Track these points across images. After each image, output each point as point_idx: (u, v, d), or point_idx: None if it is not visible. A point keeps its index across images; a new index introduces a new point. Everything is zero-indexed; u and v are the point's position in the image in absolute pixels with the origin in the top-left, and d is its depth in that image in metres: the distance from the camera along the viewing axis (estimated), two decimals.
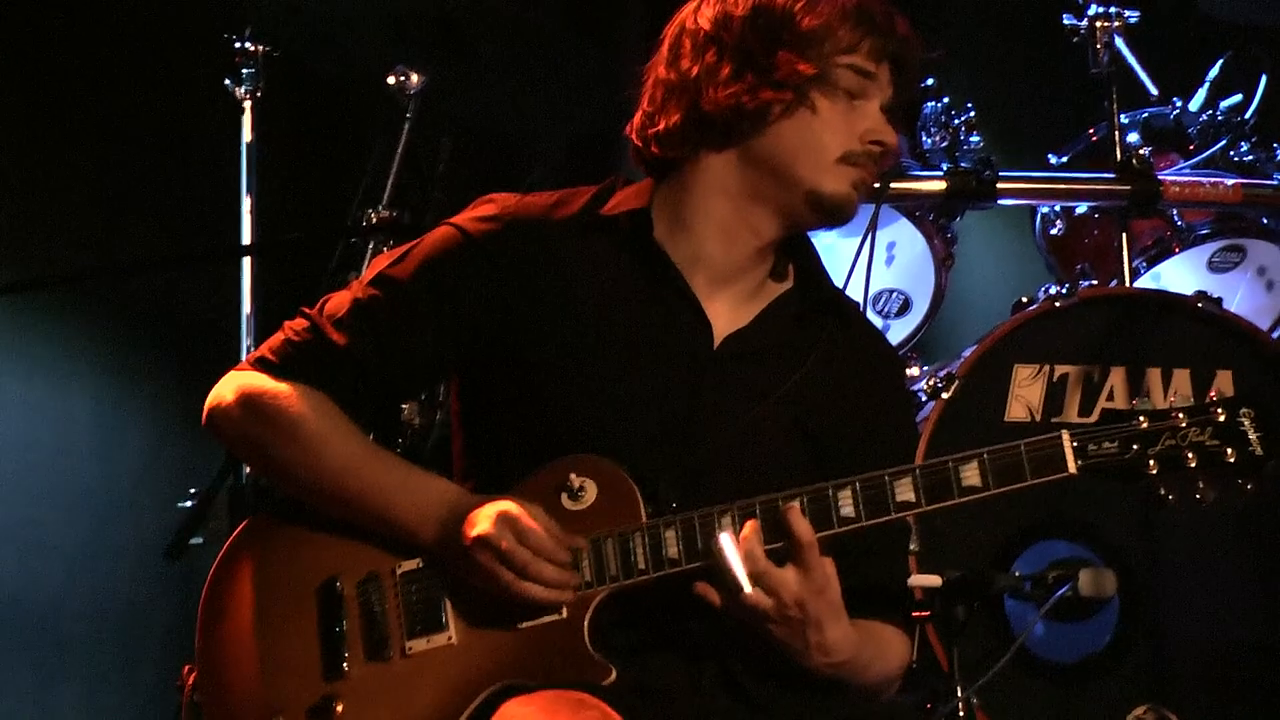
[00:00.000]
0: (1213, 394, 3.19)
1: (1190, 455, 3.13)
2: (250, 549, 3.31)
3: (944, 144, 5.19)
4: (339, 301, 3.34)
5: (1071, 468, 3.13)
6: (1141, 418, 3.15)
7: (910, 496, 3.13)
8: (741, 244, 3.32)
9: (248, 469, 4.70)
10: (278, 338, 3.35)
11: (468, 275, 3.29)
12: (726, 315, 3.32)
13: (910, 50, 3.32)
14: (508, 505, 3.13)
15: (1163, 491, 3.18)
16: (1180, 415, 3.15)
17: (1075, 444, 3.13)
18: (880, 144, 3.29)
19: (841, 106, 3.27)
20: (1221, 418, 3.14)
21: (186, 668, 4.03)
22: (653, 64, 3.37)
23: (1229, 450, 3.13)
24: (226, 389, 3.33)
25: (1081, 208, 5.39)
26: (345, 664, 3.20)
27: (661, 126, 3.32)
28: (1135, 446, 3.14)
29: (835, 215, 3.32)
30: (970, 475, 3.12)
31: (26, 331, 5.84)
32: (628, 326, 3.29)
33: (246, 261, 5.13)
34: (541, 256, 3.30)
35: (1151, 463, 3.14)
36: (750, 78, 3.25)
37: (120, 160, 5.92)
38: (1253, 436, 3.13)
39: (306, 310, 3.36)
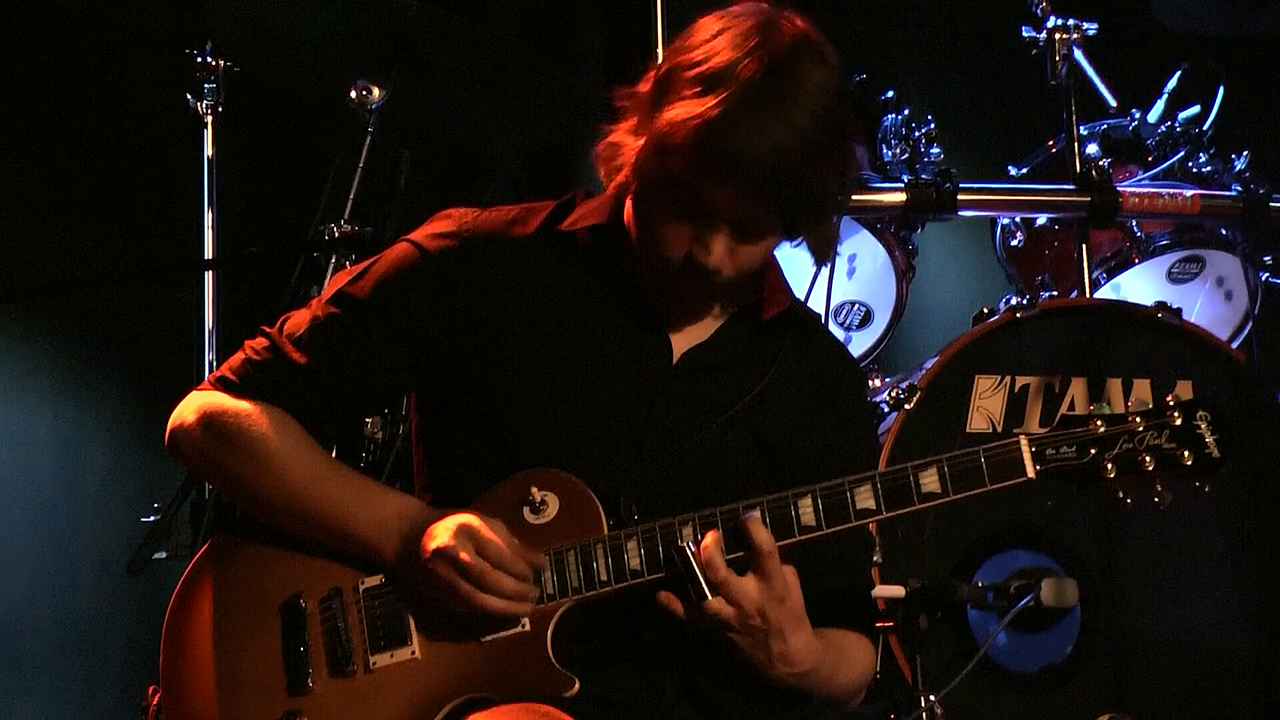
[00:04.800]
0: (1169, 399, 3.20)
1: (1147, 458, 3.15)
2: (213, 569, 3.30)
3: (904, 156, 5.19)
4: (298, 320, 3.33)
5: (1030, 472, 3.15)
6: (1098, 422, 3.17)
7: (870, 504, 3.14)
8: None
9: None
10: (238, 357, 3.34)
11: (425, 293, 3.28)
12: (685, 330, 3.32)
13: (772, 180, 3.07)
14: (467, 518, 3.13)
15: (1120, 494, 3.18)
16: (1137, 419, 3.16)
17: (1033, 448, 3.15)
18: (692, 265, 3.16)
19: (682, 223, 3.15)
20: (1178, 421, 3.16)
21: (151, 688, 4.01)
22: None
23: (1185, 453, 3.14)
24: (188, 409, 3.33)
25: (1041, 219, 5.41)
26: (309, 680, 3.19)
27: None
28: (1093, 450, 3.16)
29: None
30: (929, 481, 3.14)
31: None
32: (586, 342, 3.29)
33: (208, 276, 5.12)
34: (499, 274, 3.29)
35: (1109, 466, 3.15)
36: (622, 159, 3.20)
37: (82, 175, 5.90)
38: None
39: (266, 329, 3.35)
